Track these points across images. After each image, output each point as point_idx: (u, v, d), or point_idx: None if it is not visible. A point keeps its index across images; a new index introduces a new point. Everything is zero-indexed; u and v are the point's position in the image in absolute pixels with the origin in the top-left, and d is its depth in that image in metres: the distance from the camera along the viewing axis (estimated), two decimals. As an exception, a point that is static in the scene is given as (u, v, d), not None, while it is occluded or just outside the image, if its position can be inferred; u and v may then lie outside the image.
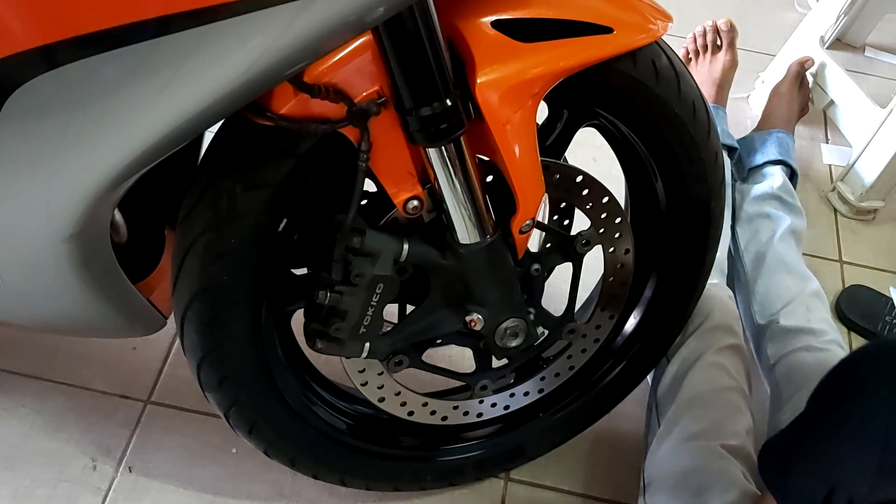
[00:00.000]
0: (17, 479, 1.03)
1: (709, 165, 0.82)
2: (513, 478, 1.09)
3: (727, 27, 1.54)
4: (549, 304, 0.90)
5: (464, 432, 1.01)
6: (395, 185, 0.69)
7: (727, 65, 1.54)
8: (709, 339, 1.04)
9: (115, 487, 1.03)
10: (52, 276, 0.63)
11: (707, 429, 0.94)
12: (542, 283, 0.87)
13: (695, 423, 0.95)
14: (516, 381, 0.98)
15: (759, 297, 1.24)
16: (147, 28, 0.47)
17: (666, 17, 0.71)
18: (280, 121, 0.60)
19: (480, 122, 0.65)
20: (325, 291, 0.72)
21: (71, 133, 0.52)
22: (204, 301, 0.72)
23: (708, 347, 1.03)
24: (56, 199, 0.56)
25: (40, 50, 0.48)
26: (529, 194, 0.72)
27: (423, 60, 0.60)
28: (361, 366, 0.84)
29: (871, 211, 1.49)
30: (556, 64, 0.65)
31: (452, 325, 0.82)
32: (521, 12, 0.64)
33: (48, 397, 1.10)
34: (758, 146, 1.44)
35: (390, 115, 0.63)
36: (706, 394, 0.98)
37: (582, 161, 0.85)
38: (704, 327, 1.05)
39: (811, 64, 1.58)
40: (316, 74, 0.58)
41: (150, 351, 1.16)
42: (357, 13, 0.50)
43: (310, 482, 0.99)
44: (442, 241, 0.74)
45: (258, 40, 0.49)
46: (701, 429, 0.94)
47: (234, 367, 0.78)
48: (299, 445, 0.89)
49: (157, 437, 1.08)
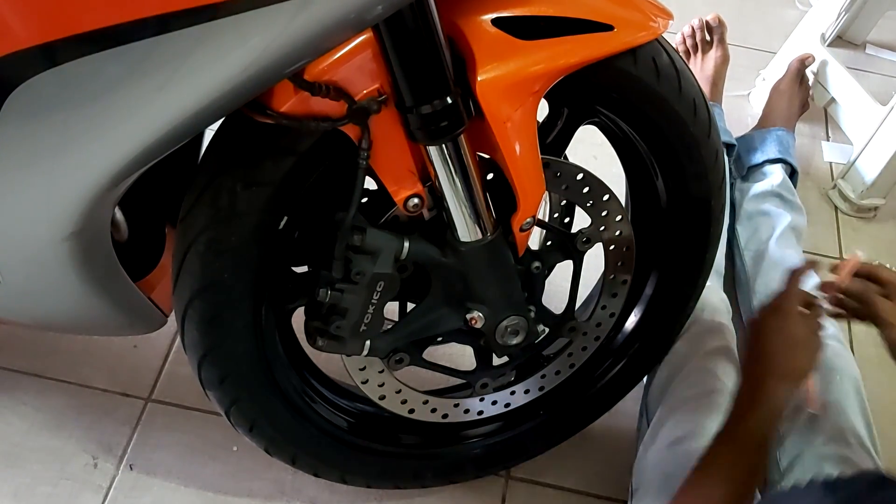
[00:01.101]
0: (18, 477, 1.03)
1: (709, 163, 0.82)
2: (513, 475, 1.09)
3: (716, 23, 1.53)
4: (549, 301, 0.90)
5: (464, 430, 1.01)
6: (396, 182, 0.69)
7: (719, 61, 1.53)
8: (697, 342, 1.04)
9: (115, 485, 1.03)
10: (52, 274, 0.63)
11: (690, 433, 0.94)
12: (543, 281, 0.87)
13: (678, 428, 0.95)
14: (517, 378, 0.98)
15: (759, 295, 1.24)
16: (147, 26, 0.47)
17: (666, 14, 0.71)
18: (280, 119, 0.60)
19: (481, 120, 0.65)
20: (325, 289, 0.72)
21: (71, 131, 0.52)
22: (205, 299, 0.72)
23: (696, 351, 1.03)
24: (57, 197, 0.56)
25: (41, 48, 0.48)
26: (530, 192, 0.72)
27: (423, 58, 0.60)
28: (362, 363, 0.84)
29: (872, 208, 1.49)
30: (556, 61, 0.65)
31: (453, 322, 0.82)
32: (521, 10, 0.64)
33: (49, 395, 1.10)
34: (758, 144, 1.44)
35: (391, 112, 0.63)
36: (691, 398, 0.98)
37: (582, 159, 0.85)
38: (693, 331, 1.05)
39: (811, 61, 1.57)
40: (316, 72, 0.58)
41: (150, 349, 1.16)
42: (357, 11, 0.50)
43: (311, 480, 0.99)
44: (442, 239, 0.74)
45: (258, 38, 0.49)
46: (684, 433, 0.94)
47: (235, 365, 0.78)
48: (300, 443, 0.90)
49: (157, 435, 1.08)
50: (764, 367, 0.81)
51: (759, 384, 0.80)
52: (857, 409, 0.99)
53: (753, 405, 0.79)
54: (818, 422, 0.98)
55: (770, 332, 0.83)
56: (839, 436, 0.94)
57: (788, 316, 0.83)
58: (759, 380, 0.81)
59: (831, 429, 0.95)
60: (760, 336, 0.84)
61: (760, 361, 0.82)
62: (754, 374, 0.82)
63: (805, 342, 0.83)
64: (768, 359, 0.82)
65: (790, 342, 0.82)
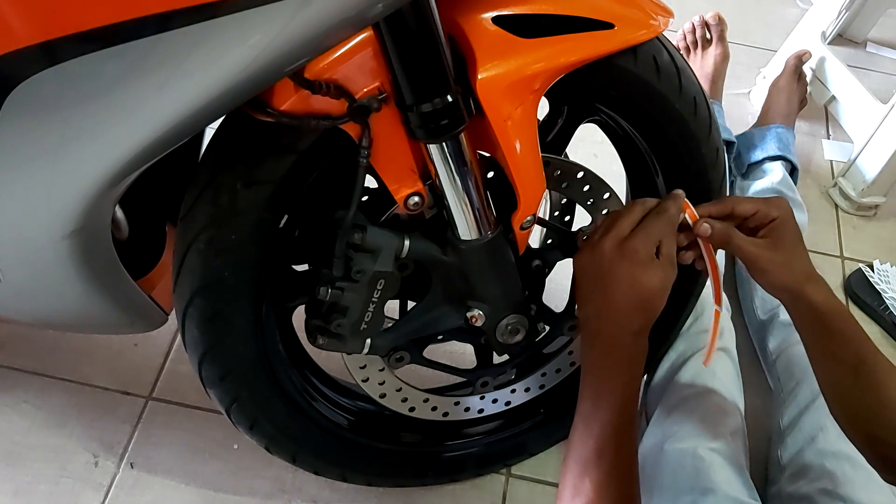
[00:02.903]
0: (18, 475, 1.03)
1: (709, 161, 0.82)
2: (514, 473, 1.10)
3: (715, 21, 1.53)
4: (550, 300, 0.90)
5: (465, 428, 1.02)
6: (396, 181, 0.69)
7: (719, 58, 1.53)
8: (696, 341, 1.04)
9: (116, 483, 1.03)
10: (53, 273, 0.63)
11: (688, 432, 0.94)
12: (544, 280, 0.87)
13: (676, 427, 0.95)
14: (517, 377, 0.98)
15: (759, 293, 1.24)
16: (148, 24, 0.47)
17: (667, 12, 0.71)
18: (281, 117, 0.60)
19: (481, 118, 0.65)
20: (326, 288, 0.72)
21: (72, 129, 0.52)
22: (205, 297, 0.72)
23: (695, 350, 1.03)
24: (57, 195, 0.56)
25: (41, 46, 0.48)
26: (530, 190, 0.72)
27: (423, 56, 0.59)
28: (362, 362, 0.84)
29: (873, 207, 1.49)
30: (557, 60, 0.65)
31: (453, 321, 0.82)
32: (522, 8, 0.64)
33: (50, 393, 1.10)
34: (757, 142, 1.44)
35: (391, 111, 0.63)
36: (690, 397, 0.98)
37: (583, 157, 0.85)
38: (692, 330, 1.05)
39: (808, 57, 1.57)
40: (317, 71, 0.58)
41: (151, 347, 1.16)
42: (357, 9, 0.50)
43: (311, 478, 0.99)
44: (443, 238, 0.74)
45: (259, 36, 0.49)
46: (682, 432, 0.94)
47: (236, 364, 0.78)
48: (301, 441, 0.90)
49: (158, 434, 1.08)
50: (617, 327, 0.71)
51: (616, 348, 0.71)
52: None
53: (618, 374, 0.72)
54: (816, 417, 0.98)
55: (615, 278, 0.70)
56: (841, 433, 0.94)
57: (626, 250, 0.70)
58: (614, 343, 0.71)
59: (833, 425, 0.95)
60: (609, 285, 0.70)
61: (608, 316, 0.71)
62: (605, 336, 0.72)
63: (660, 281, 0.71)
64: (618, 314, 0.71)
65: (645, 289, 0.70)
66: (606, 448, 0.70)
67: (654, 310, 0.72)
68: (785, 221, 0.74)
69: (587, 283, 0.73)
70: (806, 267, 0.75)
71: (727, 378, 1.02)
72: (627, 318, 0.71)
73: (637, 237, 0.70)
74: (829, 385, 0.77)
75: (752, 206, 0.74)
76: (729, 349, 1.06)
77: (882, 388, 0.72)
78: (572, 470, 0.70)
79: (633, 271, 0.70)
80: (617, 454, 0.70)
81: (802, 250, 0.76)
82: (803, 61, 1.57)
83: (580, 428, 0.72)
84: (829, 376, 0.76)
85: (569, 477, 0.71)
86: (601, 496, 0.68)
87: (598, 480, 0.68)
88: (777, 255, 0.73)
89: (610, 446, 0.70)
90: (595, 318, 0.73)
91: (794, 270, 0.74)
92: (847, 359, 0.73)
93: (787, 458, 0.98)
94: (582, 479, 0.69)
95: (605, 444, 0.70)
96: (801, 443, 0.97)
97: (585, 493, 0.68)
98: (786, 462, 0.98)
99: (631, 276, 0.70)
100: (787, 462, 0.97)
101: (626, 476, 0.70)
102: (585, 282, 0.73)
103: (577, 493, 0.69)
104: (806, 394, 1.02)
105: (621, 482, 0.69)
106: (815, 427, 0.97)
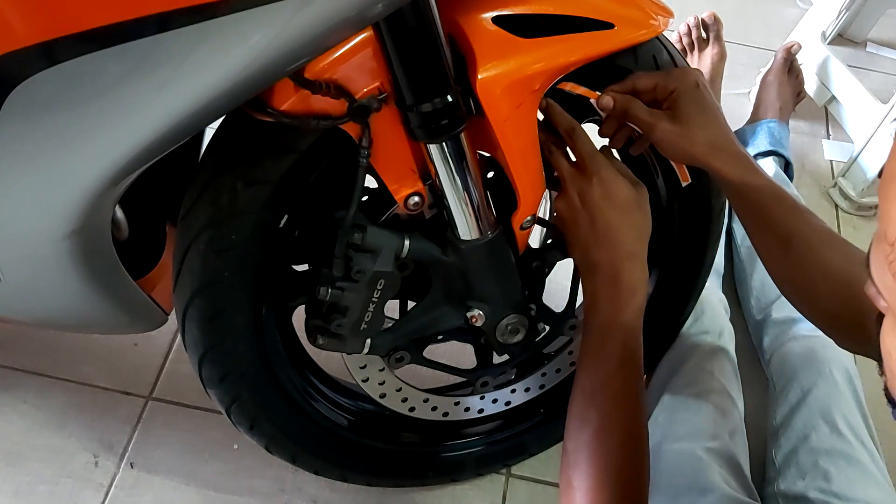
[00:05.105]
0: (18, 476, 1.03)
1: (710, 161, 0.82)
2: (514, 473, 1.10)
3: (711, 20, 1.53)
4: (550, 300, 0.90)
5: (465, 428, 1.02)
6: (396, 181, 0.69)
7: (716, 58, 1.53)
8: (695, 341, 1.04)
9: (116, 483, 1.03)
10: (53, 273, 0.63)
11: (687, 432, 0.94)
12: (544, 279, 0.87)
13: (675, 427, 0.95)
14: (517, 377, 0.98)
15: (755, 292, 1.24)
16: (148, 24, 0.47)
17: (667, 12, 0.71)
18: (281, 117, 0.60)
19: (481, 118, 0.65)
20: (326, 288, 0.72)
21: (72, 129, 0.52)
22: (205, 297, 0.72)
23: (693, 350, 1.03)
24: (57, 195, 0.56)
25: (41, 46, 0.48)
26: (530, 190, 0.72)
27: (423, 56, 0.59)
28: (362, 362, 0.84)
29: (873, 207, 1.49)
30: (557, 60, 0.65)
31: (453, 321, 0.82)
32: (522, 8, 0.64)
33: (50, 393, 1.10)
34: (748, 138, 1.43)
35: (391, 111, 0.63)
36: (689, 398, 0.98)
37: (583, 157, 0.84)
38: (691, 331, 1.05)
39: (798, 48, 1.56)
40: (317, 70, 0.58)
41: (151, 347, 1.16)
42: (357, 9, 0.50)
43: (311, 478, 0.99)
44: (443, 238, 0.74)
45: (258, 36, 0.49)
46: (680, 432, 0.94)
47: (236, 364, 0.78)
48: (301, 441, 0.90)
49: (158, 434, 1.08)
50: (611, 253, 0.71)
51: (615, 276, 0.71)
52: (851, 400, 0.99)
53: (620, 303, 0.71)
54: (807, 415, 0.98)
55: (602, 208, 0.71)
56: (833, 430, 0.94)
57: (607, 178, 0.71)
58: (612, 270, 0.71)
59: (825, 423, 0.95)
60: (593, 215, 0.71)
61: (603, 246, 0.71)
62: (602, 266, 0.72)
63: (635, 197, 0.72)
64: (609, 240, 0.71)
65: (625, 207, 0.71)
66: (612, 379, 0.69)
67: (638, 225, 0.72)
68: (684, 92, 0.71)
69: (571, 226, 0.74)
70: (713, 138, 0.70)
71: (726, 378, 1.02)
72: (616, 239, 0.71)
73: (591, 163, 0.71)
74: (766, 261, 0.74)
75: (653, 79, 0.72)
76: (728, 349, 1.06)
77: (817, 260, 0.69)
78: (578, 402, 0.70)
79: (602, 189, 0.70)
80: (623, 384, 0.69)
81: (709, 122, 0.71)
82: (793, 53, 1.55)
83: (584, 361, 0.72)
84: (762, 251, 0.74)
85: (575, 409, 0.70)
86: (608, 424, 0.67)
87: (604, 410, 0.68)
88: (675, 126, 0.70)
89: (616, 377, 0.69)
90: (587, 251, 0.73)
91: (694, 142, 0.70)
92: (777, 232, 0.70)
93: (781, 458, 0.98)
94: (588, 410, 0.69)
95: (610, 375, 0.69)
96: (795, 441, 0.97)
97: (591, 422, 0.68)
98: (780, 461, 0.98)
99: (602, 193, 0.70)
100: (782, 461, 0.97)
101: (633, 407, 0.69)
102: (570, 226, 0.74)
103: (583, 423, 0.69)
104: (796, 392, 1.02)
105: (628, 411, 0.69)
106: (808, 425, 0.97)
